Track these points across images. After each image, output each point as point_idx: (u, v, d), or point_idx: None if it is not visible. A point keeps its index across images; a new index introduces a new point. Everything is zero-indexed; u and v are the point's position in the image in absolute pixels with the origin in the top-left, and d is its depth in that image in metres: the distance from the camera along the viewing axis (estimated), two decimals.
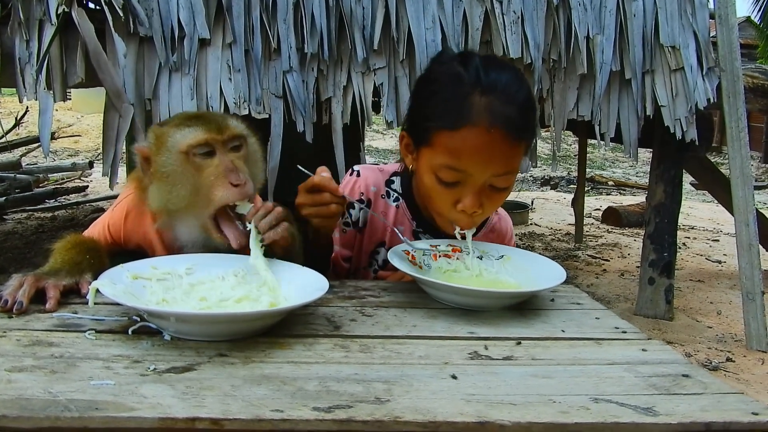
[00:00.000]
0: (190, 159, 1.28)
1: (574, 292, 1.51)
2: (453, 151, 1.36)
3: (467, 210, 1.40)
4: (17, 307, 1.11)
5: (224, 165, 1.27)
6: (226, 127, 1.31)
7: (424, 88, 1.49)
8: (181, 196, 1.30)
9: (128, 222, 1.43)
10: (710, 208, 9.31)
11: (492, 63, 1.42)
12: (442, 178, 1.39)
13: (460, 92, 1.36)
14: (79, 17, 2.61)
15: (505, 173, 1.39)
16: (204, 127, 1.28)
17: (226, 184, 1.26)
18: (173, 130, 1.30)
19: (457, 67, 1.40)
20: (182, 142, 1.27)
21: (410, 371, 0.99)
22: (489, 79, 1.36)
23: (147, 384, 0.88)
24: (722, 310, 4.35)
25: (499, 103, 1.34)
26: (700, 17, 3.39)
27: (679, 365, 1.10)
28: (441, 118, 1.37)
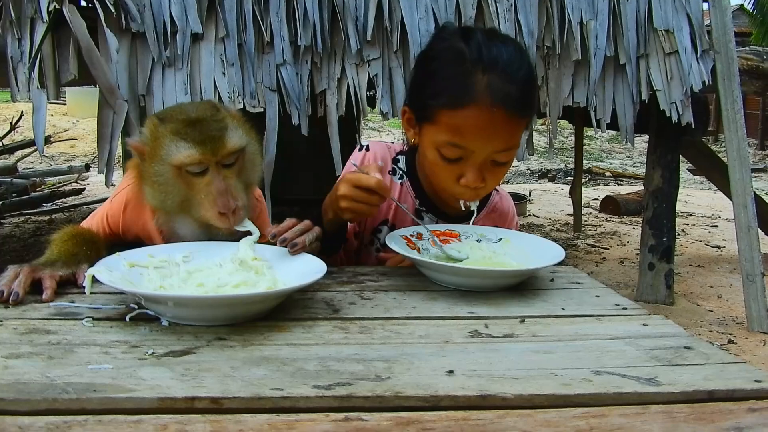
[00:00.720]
0: (182, 173, 1.25)
1: (573, 272, 1.50)
2: (456, 129, 1.37)
3: (470, 185, 1.41)
4: (13, 297, 1.10)
5: (215, 186, 1.24)
6: (223, 145, 1.25)
7: (425, 65, 1.49)
8: (175, 203, 1.29)
9: (127, 213, 1.41)
10: (708, 195, 9.32)
11: (494, 37, 1.42)
12: (445, 154, 1.40)
13: (462, 70, 1.36)
14: (71, 14, 2.59)
15: (506, 149, 1.40)
16: (198, 147, 1.23)
17: (215, 210, 1.24)
18: (168, 140, 1.25)
19: (459, 43, 1.40)
20: (175, 158, 1.24)
21: (410, 350, 0.99)
22: (491, 56, 1.36)
23: (145, 367, 0.87)
24: (722, 294, 4.35)
25: (500, 81, 1.34)
26: (693, 0, 3.38)
27: (681, 338, 1.09)
28: (444, 96, 1.38)
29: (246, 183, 1.33)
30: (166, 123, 1.27)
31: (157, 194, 1.29)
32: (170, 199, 1.28)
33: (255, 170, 1.37)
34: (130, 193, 1.40)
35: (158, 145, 1.26)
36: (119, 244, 1.35)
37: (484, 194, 1.51)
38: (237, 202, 1.25)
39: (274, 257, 1.26)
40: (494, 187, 1.59)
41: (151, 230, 1.40)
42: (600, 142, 16.54)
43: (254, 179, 1.38)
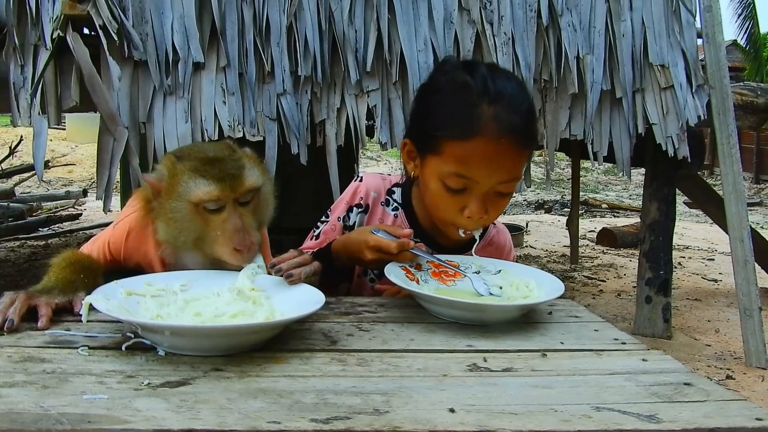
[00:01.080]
0: (199, 210, 1.27)
1: (571, 306, 1.50)
2: (462, 160, 1.37)
3: (474, 216, 1.42)
4: (8, 325, 1.09)
5: (231, 224, 1.26)
6: (241, 183, 1.27)
7: (428, 97, 1.50)
8: (189, 240, 1.30)
9: (129, 240, 1.41)
10: (704, 228, 9.35)
11: (496, 72, 1.44)
12: (450, 185, 1.41)
13: (468, 101, 1.38)
14: (74, 42, 2.62)
15: (510, 180, 1.42)
16: (218, 184, 1.25)
17: (230, 246, 1.26)
18: (186, 177, 1.26)
19: (463, 76, 1.42)
20: (193, 194, 1.25)
21: (409, 383, 0.98)
22: (496, 88, 1.38)
23: (141, 398, 0.86)
24: (720, 328, 4.34)
25: (506, 113, 1.36)
26: (687, 36, 3.44)
27: (681, 374, 1.09)
28: (450, 127, 1.38)
29: (259, 222, 1.35)
30: (184, 161, 1.28)
31: (171, 230, 1.29)
32: (184, 235, 1.29)
33: (268, 210, 1.39)
34: (134, 221, 1.40)
35: (176, 182, 1.27)
36: (118, 272, 1.35)
37: (485, 224, 1.52)
38: (252, 239, 1.26)
39: (272, 287, 1.25)
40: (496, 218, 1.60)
41: (152, 259, 1.40)
42: (596, 174, 16.64)
43: (267, 219, 1.40)
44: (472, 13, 3.25)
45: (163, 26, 2.88)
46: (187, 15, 2.90)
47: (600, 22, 3.39)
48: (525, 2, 3.33)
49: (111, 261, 1.43)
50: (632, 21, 3.42)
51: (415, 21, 3.18)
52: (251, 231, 1.27)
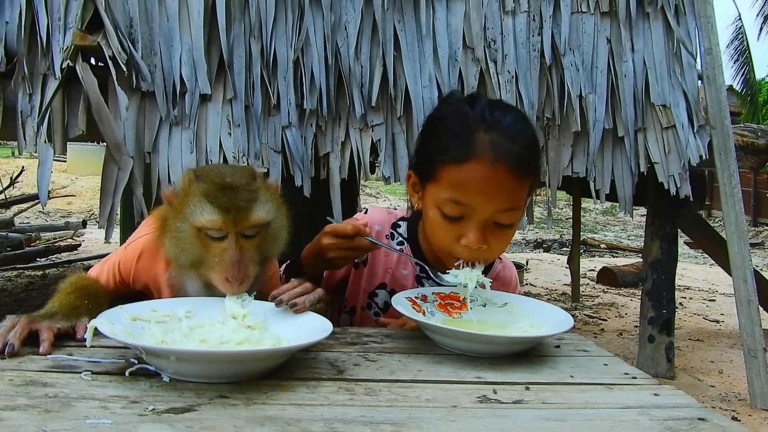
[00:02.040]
0: (201, 234, 1.25)
1: (579, 340, 1.48)
2: (457, 185, 1.37)
3: (471, 246, 1.39)
4: (8, 349, 1.07)
5: (229, 255, 1.24)
6: (246, 217, 1.24)
7: (431, 126, 1.52)
8: (189, 260, 1.28)
9: (140, 262, 1.40)
10: (704, 269, 9.33)
11: (498, 104, 1.46)
12: (447, 212, 1.39)
13: (465, 127, 1.39)
14: (83, 71, 2.65)
15: (508, 209, 1.39)
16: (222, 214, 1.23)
17: (223, 276, 1.23)
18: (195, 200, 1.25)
19: (464, 106, 1.44)
20: (197, 219, 1.24)
21: (418, 414, 0.96)
22: (493, 117, 1.39)
23: (145, 424, 0.84)
24: (723, 369, 4.28)
25: (503, 139, 1.36)
26: (688, 77, 3.48)
27: (694, 409, 1.07)
28: (446, 152, 1.39)
29: (265, 255, 1.32)
30: (200, 181, 1.26)
31: (173, 248, 1.28)
32: (185, 255, 1.27)
33: (277, 244, 1.36)
34: (147, 243, 1.39)
35: (186, 202, 1.25)
36: (124, 297, 1.33)
37: (486, 258, 1.46)
38: (247, 272, 1.24)
39: (278, 316, 1.24)
40: (499, 254, 1.58)
41: (161, 282, 1.38)
42: (594, 215, 16.68)
43: (274, 253, 1.37)
44: (477, 51, 3.30)
45: (171, 58, 2.92)
46: (195, 47, 2.94)
47: (602, 63, 3.44)
48: (528, 42, 3.38)
49: (119, 282, 1.42)
50: (634, 62, 3.46)
51: (420, 58, 3.23)
52: (249, 264, 1.25)
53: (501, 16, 3.37)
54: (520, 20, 3.39)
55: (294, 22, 3.11)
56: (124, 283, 1.42)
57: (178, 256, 1.28)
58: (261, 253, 1.30)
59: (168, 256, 1.31)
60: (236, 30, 3.05)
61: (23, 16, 2.80)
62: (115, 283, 1.43)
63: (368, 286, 1.65)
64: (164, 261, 1.37)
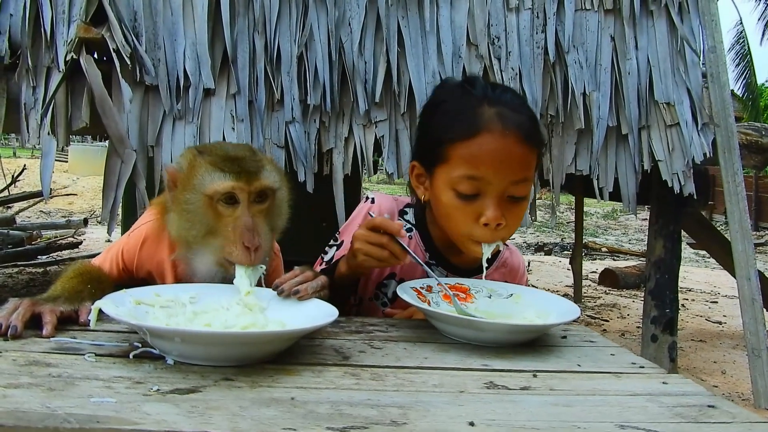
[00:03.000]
0: (212, 204, 1.25)
1: (585, 331, 1.47)
2: (471, 160, 1.37)
3: (491, 221, 1.37)
4: (11, 331, 1.06)
5: (243, 221, 1.24)
6: (257, 179, 1.27)
7: (431, 111, 1.52)
8: (199, 234, 1.28)
9: (144, 249, 1.39)
10: (706, 272, 9.31)
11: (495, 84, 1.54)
12: (462, 190, 1.38)
13: (469, 103, 1.41)
14: (87, 64, 2.64)
15: (522, 180, 1.40)
16: (234, 175, 1.24)
17: (239, 243, 1.23)
18: (204, 170, 1.26)
19: (464, 86, 1.48)
20: (209, 187, 1.24)
21: (425, 398, 0.95)
22: (495, 94, 1.43)
23: (150, 403, 0.83)
24: (726, 370, 4.27)
25: (508, 111, 1.39)
26: (692, 75, 3.47)
27: (703, 396, 1.06)
28: (454, 130, 1.40)
29: (273, 228, 1.33)
30: (204, 155, 1.28)
31: (183, 223, 1.28)
32: (195, 229, 1.27)
33: (281, 217, 1.37)
34: (150, 229, 1.39)
35: (194, 174, 1.26)
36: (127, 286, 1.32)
37: (504, 236, 1.44)
38: (261, 240, 1.24)
39: (283, 303, 1.23)
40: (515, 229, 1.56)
41: (166, 268, 1.38)
42: (596, 219, 16.64)
43: (279, 226, 1.37)
44: (480, 48, 3.29)
45: (175, 52, 2.91)
46: (199, 42, 2.93)
47: (606, 60, 3.43)
48: (532, 39, 3.37)
49: (123, 270, 1.41)
50: (638, 60, 3.45)
51: (424, 54, 3.22)
52: (262, 233, 1.25)
53: (505, 13, 3.36)
54: (523, 17, 3.38)
55: (298, 17, 3.10)
56: (127, 270, 1.41)
57: (189, 231, 1.27)
58: (271, 224, 1.31)
59: (176, 234, 1.30)
60: (240, 25, 3.04)
61: (27, 9, 2.80)
62: (119, 271, 1.42)
63: (378, 276, 1.64)
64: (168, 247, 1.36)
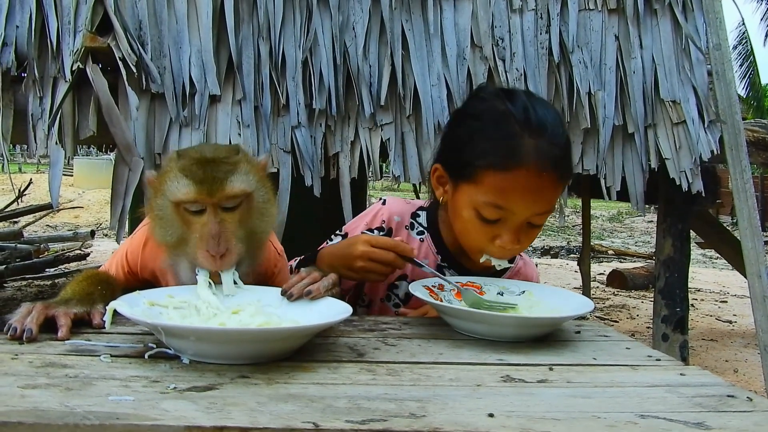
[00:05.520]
0: (180, 210, 1.23)
1: (599, 326, 1.47)
2: (501, 191, 1.35)
3: (506, 246, 1.40)
4: (27, 334, 1.06)
5: (209, 228, 1.21)
6: (222, 187, 1.22)
7: (465, 123, 1.47)
8: (174, 239, 1.26)
9: (146, 249, 1.39)
10: (714, 272, 9.28)
11: (536, 100, 1.42)
12: (484, 214, 1.38)
13: (509, 132, 1.36)
14: (94, 73, 2.65)
15: (545, 212, 1.41)
16: (196, 186, 1.20)
17: (203, 249, 1.20)
18: (172, 176, 1.23)
19: (503, 104, 1.40)
20: (173, 194, 1.22)
21: (443, 392, 0.95)
22: (538, 119, 1.37)
23: (168, 400, 0.83)
24: (739, 368, 4.24)
25: (548, 145, 1.35)
26: (698, 73, 3.46)
27: (722, 387, 1.05)
28: (490, 157, 1.36)
29: (250, 230, 1.27)
30: (180, 159, 1.25)
31: (158, 229, 1.27)
32: (170, 234, 1.26)
33: (264, 220, 1.31)
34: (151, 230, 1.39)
35: (165, 179, 1.24)
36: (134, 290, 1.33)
37: (516, 253, 1.49)
38: (228, 246, 1.20)
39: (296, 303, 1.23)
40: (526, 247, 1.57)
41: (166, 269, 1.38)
42: (602, 221, 16.59)
43: (262, 228, 1.32)
44: (485, 49, 3.30)
45: (181, 60, 2.93)
46: (204, 49, 2.95)
47: (611, 60, 3.42)
48: (536, 39, 3.37)
49: (128, 273, 1.42)
50: (642, 58, 3.45)
51: (429, 57, 3.23)
52: (231, 239, 1.21)
53: (509, 15, 3.37)
54: (527, 18, 3.39)
55: (302, 22, 3.11)
56: (132, 272, 1.41)
57: (164, 237, 1.26)
58: (246, 228, 1.26)
59: (157, 238, 1.29)
60: (245, 31, 3.06)
61: (33, 20, 2.82)
62: (125, 274, 1.43)
63: (389, 278, 1.63)
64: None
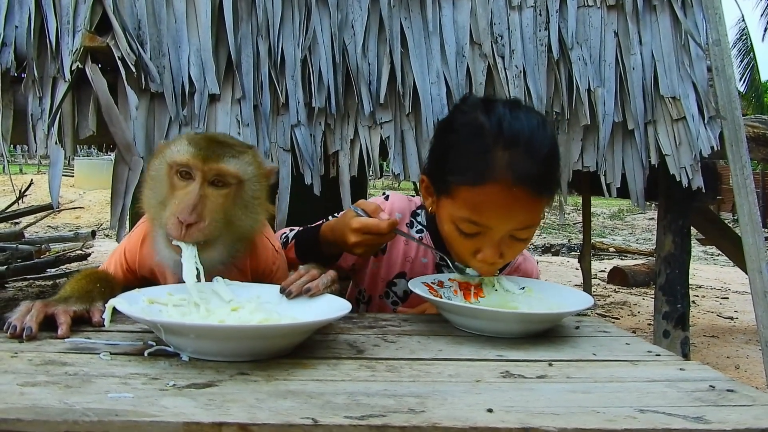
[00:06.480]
0: (171, 174, 1.24)
1: (598, 322, 1.47)
2: (474, 207, 1.33)
3: (487, 261, 1.38)
4: (26, 332, 1.06)
5: (189, 195, 1.20)
6: (215, 159, 1.22)
7: (444, 136, 1.45)
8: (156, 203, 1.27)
9: (144, 246, 1.39)
10: (715, 269, 9.27)
11: (516, 109, 1.36)
12: (462, 229, 1.37)
13: (481, 146, 1.31)
14: (93, 72, 2.65)
15: (526, 227, 1.37)
16: (194, 150, 1.22)
17: (174, 215, 1.19)
18: (176, 142, 1.29)
19: (480, 116, 1.35)
20: (169, 156, 1.25)
21: (442, 388, 0.95)
22: (512, 131, 1.31)
23: (167, 397, 0.83)
24: (740, 365, 4.24)
25: (521, 158, 1.29)
26: (698, 69, 3.45)
27: (722, 381, 1.06)
28: (462, 173, 1.34)
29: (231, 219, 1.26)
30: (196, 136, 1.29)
31: (147, 191, 1.30)
32: (155, 197, 1.27)
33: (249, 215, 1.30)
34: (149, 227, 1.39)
35: (170, 144, 1.29)
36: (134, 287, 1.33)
37: (500, 267, 1.47)
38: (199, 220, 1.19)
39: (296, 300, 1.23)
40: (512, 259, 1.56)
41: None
42: (602, 219, 16.57)
43: (244, 222, 1.30)
44: (484, 47, 3.29)
45: (180, 59, 2.92)
46: (203, 48, 2.94)
47: (610, 56, 3.42)
48: (536, 36, 3.37)
49: (127, 271, 1.42)
50: (642, 55, 3.44)
51: (428, 54, 3.22)
52: (205, 213, 1.19)
53: (507, 12, 3.36)
54: (526, 15, 3.38)
55: (301, 21, 3.11)
56: (131, 270, 1.42)
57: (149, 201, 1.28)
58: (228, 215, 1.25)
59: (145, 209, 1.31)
60: (244, 30, 3.05)
61: (32, 21, 2.82)
62: (123, 272, 1.43)
63: (387, 275, 1.63)
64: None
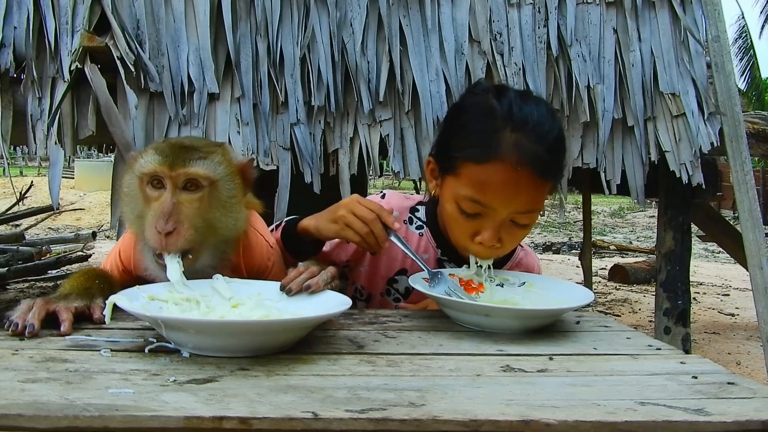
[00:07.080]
0: (143, 186, 1.24)
1: (599, 317, 1.47)
2: (477, 185, 1.33)
3: (485, 243, 1.37)
4: (29, 329, 1.07)
5: (163, 205, 1.19)
6: (182, 165, 1.21)
7: (454, 117, 1.47)
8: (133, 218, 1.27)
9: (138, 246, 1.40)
10: (716, 266, 9.27)
11: (526, 98, 1.39)
12: (464, 208, 1.37)
13: (490, 125, 1.33)
14: (92, 72, 2.66)
15: (528, 211, 1.37)
16: (160, 158, 1.21)
17: (153, 227, 1.18)
18: (144, 153, 1.26)
19: (491, 100, 1.37)
20: (138, 168, 1.24)
21: (442, 382, 0.95)
22: (521, 114, 1.33)
23: (168, 392, 0.83)
24: (741, 361, 4.24)
25: (528, 141, 1.31)
26: (697, 65, 3.46)
27: (723, 374, 1.05)
28: (468, 149, 1.35)
29: (210, 222, 1.25)
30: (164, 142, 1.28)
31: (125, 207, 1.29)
32: (132, 212, 1.27)
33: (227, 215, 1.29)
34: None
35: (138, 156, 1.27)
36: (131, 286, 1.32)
37: (498, 254, 1.46)
38: (177, 228, 1.18)
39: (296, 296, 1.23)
40: (511, 249, 1.55)
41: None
42: (603, 217, 16.57)
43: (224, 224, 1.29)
44: (483, 44, 3.29)
45: (179, 58, 2.93)
46: (202, 47, 2.95)
47: (609, 53, 3.42)
48: (534, 33, 3.37)
49: (123, 271, 1.41)
50: (641, 51, 3.44)
51: (427, 52, 3.22)
52: (182, 220, 1.19)
53: (506, 9, 3.36)
54: (525, 12, 3.38)
55: (300, 19, 3.11)
56: (126, 270, 1.41)
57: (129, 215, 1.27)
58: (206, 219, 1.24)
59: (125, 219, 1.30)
60: (242, 29, 3.06)
61: (31, 21, 2.82)
62: (120, 273, 1.42)
63: (387, 272, 1.63)
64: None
